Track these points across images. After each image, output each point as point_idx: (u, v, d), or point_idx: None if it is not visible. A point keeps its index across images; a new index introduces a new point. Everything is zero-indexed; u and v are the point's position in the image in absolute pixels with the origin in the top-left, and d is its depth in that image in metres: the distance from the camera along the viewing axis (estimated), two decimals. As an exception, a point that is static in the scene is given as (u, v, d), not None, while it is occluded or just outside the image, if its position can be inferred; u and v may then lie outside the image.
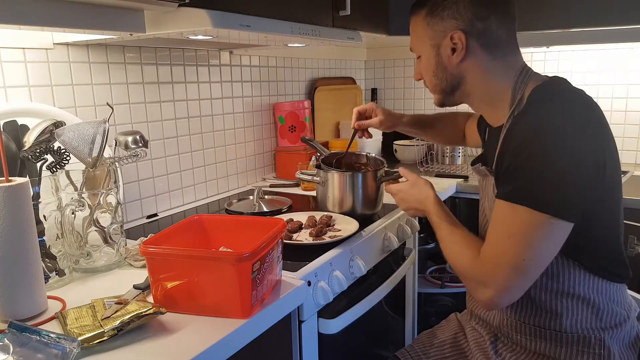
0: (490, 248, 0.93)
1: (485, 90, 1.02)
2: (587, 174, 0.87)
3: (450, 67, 1.02)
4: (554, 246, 0.89)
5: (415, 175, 1.21)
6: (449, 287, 1.91)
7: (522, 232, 0.87)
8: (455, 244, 1.02)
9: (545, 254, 0.89)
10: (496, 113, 1.03)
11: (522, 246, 0.88)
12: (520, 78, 0.98)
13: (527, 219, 0.87)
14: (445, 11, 0.99)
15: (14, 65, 1.14)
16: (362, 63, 2.68)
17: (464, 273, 0.99)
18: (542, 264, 0.90)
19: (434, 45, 1.02)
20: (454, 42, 0.98)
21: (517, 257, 0.88)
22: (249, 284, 0.82)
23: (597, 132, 0.90)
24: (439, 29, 1.00)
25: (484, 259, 0.94)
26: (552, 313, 0.97)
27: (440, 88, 1.06)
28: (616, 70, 2.12)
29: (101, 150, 1.01)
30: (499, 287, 0.91)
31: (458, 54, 0.99)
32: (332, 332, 1.11)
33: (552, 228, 0.86)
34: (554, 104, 0.91)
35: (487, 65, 0.99)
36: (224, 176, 1.78)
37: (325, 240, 1.18)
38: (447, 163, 2.19)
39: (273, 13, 1.21)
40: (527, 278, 0.90)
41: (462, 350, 1.14)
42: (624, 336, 0.98)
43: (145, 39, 1.20)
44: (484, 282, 0.93)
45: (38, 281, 0.86)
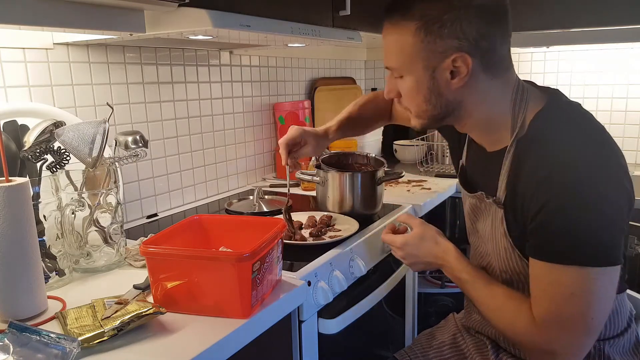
0: (546, 312, 0.83)
1: (481, 115, 0.91)
2: (624, 209, 0.81)
3: (447, 93, 0.88)
4: (613, 292, 0.82)
5: (419, 221, 1.07)
6: (449, 287, 1.91)
7: (582, 291, 0.79)
8: (504, 310, 0.90)
9: (608, 304, 0.82)
10: (492, 137, 0.94)
11: (586, 305, 0.80)
12: (518, 97, 0.89)
13: (582, 277, 0.79)
14: (445, 28, 0.83)
15: (14, 65, 1.14)
16: (362, 63, 2.68)
17: (521, 341, 0.89)
18: (607, 313, 0.84)
19: (427, 67, 0.87)
20: (456, 65, 0.84)
21: (584, 317, 0.80)
22: (249, 284, 0.82)
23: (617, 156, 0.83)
24: (437, 49, 0.84)
25: (546, 326, 0.83)
26: None
27: (430, 114, 0.92)
28: (616, 70, 2.12)
29: (101, 150, 1.01)
30: (571, 351, 0.83)
31: (461, 79, 0.85)
32: (332, 332, 1.11)
33: (608, 276, 0.80)
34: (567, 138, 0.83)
35: (486, 87, 0.88)
36: (224, 176, 1.78)
37: (325, 240, 1.18)
38: (447, 163, 2.19)
39: (273, 13, 1.21)
40: (597, 333, 0.83)
41: (461, 351, 1.13)
42: (624, 343, 0.97)
43: (145, 39, 1.20)
44: (550, 350, 0.84)
45: (38, 281, 0.86)
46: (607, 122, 2.14)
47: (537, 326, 0.84)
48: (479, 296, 0.95)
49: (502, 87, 0.90)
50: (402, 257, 1.08)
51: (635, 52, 2.07)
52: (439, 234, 1.04)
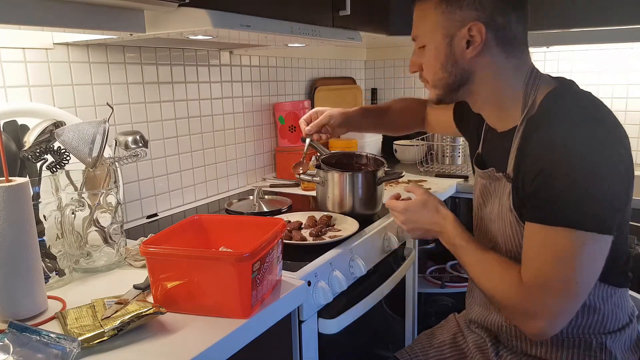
0: (533, 275, 0.86)
1: (494, 90, 0.97)
2: (622, 184, 0.84)
3: (462, 61, 0.94)
4: (600, 262, 0.84)
5: (423, 190, 1.10)
6: (449, 287, 1.91)
7: (568, 254, 0.82)
8: (492, 272, 0.94)
9: (595, 272, 0.85)
10: (502, 116, 0.98)
11: (570, 269, 0.83)
12: (531, 80, 0.94)
13: (571, 241, 0.82)
14: (464, 0, 0.91)
15: (14, 65, 1.14)
16: (362, 63, 2.68)
17: (505, 304, 0.92)
18: (591, 282, 0.85)
19: (446, 35, 0.94)
20: (472, 34, 0.91)
21: (568, 281, 0.83)
22: (249, 284, 0.82)
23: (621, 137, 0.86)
24: (455, 18, 0.92)
25: (529, 288, 0.86)
26: None
27: (445, 83, 0.98)
28: (616, 70, 2.12)
29: (101, 150, 1.01)
30: (552, 315, 0.85)
31: (474, 47, 0.92)
32: (332, 332, 1.11)
33: (598, 244, 0.83)
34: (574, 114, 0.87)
35: (500, 64, 0.94)
36: (224, 176, 1.78)
37: (325, 240, 1.18)
38: (447, 163, 2.19)
39: (273, 13, 1.21)
40: (578, 300, 0.85)
41: (461, 350, 1.13)
42: (625, 339, 0.97)
43: (145, 39, 1.20)
44: (533, 312, 0.86)
45: (38, 281, 0.86)
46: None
47: (523, 288, 0.87)
48: (470, 260, 0.98)
49: (515, 68, 0.95)
50: (403, 222, 1.10)
51: (635, 52, 2.07)
52: (441, 203, 1.07)
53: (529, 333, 0.89)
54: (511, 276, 0.89)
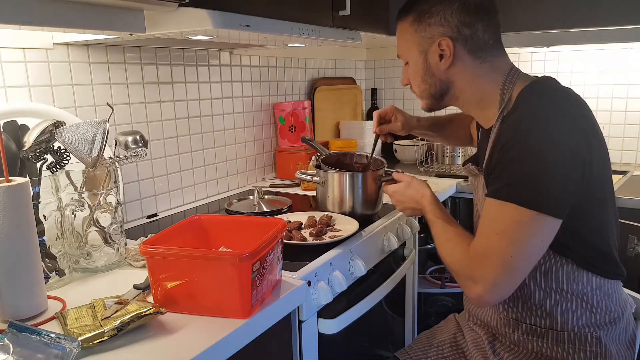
0: (479, 245, 0.94)
1: (474, 93, 1.03)
2: (573, 170, 0.87)
3: (438, 72, 1.03)
4: (542, 243, 0.89)
5: (410, 176, 1.21)
6: (449, 287, 1.91)
7: (509, 229, 0.88)
8: (448, 241, 1.03)
9: (532, 251, 0.89)
10: (486, 114, 1.04)
11: (509, 242, 0.88)
12: (508, 79, 1.00)
13: (514, 216, 0.87)
14: (432, 18, 1.00)
15: (14, 65, 1.14)
16: (362, 63, 2.68)
17: (454, 269, 1.00)
18: (530, 260, 0.90)
19: (421, 52, 1.04)
20: (442, 48, 1.00)
21: (504, 254, 0.89)
22: (249, 284, 0.82)
23: (583, 129, 0.90)
24: (426, 35, 1.02)
25: (473, 255, 0.94)
26: (546, 311, 0.97)
27: (428, 93, 1.07)
28: (616, 70, 2.12)
29: (101, 150, 1.01)
30: (488, 283, 0.91)
31: (446, 60, 1.00)
32: (332, 332, 1.11)
33: (539, 224, 0.87)
34: (540, 101, 0.92)
35: (475, 69, 1.01)
36: (224, 176, 1.78)
37: (325, 240, 1.18)
38: (447, 163, 2.19)
39: (273, 13, 1.21)
40: (515, 274, 0.90)
41: (461, 350, 1.14)
42: (620, 334, 0.99)
43: (145, 39, 1.20)
44: (473, 278, 0.93)
45: (38, 281, 0.86)
46: (607, 122, 2.14)
47: (468, 255, 0.96)
48: (436, 232, 1.07)
49: (492, 70, 1.01)
50: (394, 203, 1.23)
51: (635, 52, 2.07)
52: (422, 184, 1.16)
53: (470, 298, 0.96)
54: (463, 245, 0.98)
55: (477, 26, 0.98)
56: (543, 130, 0.87)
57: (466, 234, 1.02)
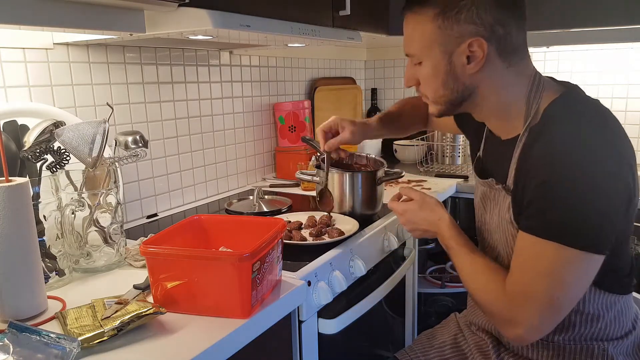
0: (519, 285, 0.87)
1: (497, 102, 0.93)
2: (621, 205, 0.82)
3: (463, 77, 0.91)
4: (587, 280, 0.84)
5: (421, 192, 1.11)
6: (449, 287, 1.91)
7: (555, 270, 0.82)
8: (479, 275, 0.95)
9: (578, 290, 0.85)
10: (506, 125, 0.96)
11: (555, 284, 0.82)
12: (534, 87, 0.91)
13: (559, 256, 0.81)
14: (462, 13, 0.86)
15: (14, 65, 1.14)
16: (362, 63, 2.68)
17: (490, 309, 0.93)
18: (575, 299, 0.86)
19: (445, 52, 0.90)
20: (472, 49, 0.87)
21: (550, 295, 0.83)
22: (249, 284, 0.82)
23: (628, 156, 0.83)
24: (453, 33, 0.88)
25: (513, 296, 0.87)
26: (558, 329, 0.93)
27: (447, 99, 0.95)
28: (616, 70, 2.12)
29: (101, 150, 1.01)
30: (531, 325, 0.85)
31: (476, 63, 0.88)
32: (332, 332, 1.11)
33: (586, 263, 0.82)
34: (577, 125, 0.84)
35: (502, 74, 0.91)
36: (224, 176, 1.78)
37: (325, 240, 1.18)
38: (447, 163, 2.19)
39: (273, 13, 1.21)
40: (560, 314, 0.86)
41: (462, 352, 1.13)
42: (628, 345, 0.97)
43: (145, 39, 1.20)
44: (513, 320, 0.87)
45: (38, 281, 0.86)
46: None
47: (506, 295, 0.88)
48: (461, 263, 0.99)
49: (517, 76, 0.92)
50: (404, 223, 1.12)
51: (635, 52, 2.07)
52: (437, 204, 1.07)
53: (508, 338, 0.91)
54: (497, 282, 0.90)
55: (512, 26, 0.87)
56: (589, 166, 0.79)
57: (497, 267, 0.94)
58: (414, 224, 1.09)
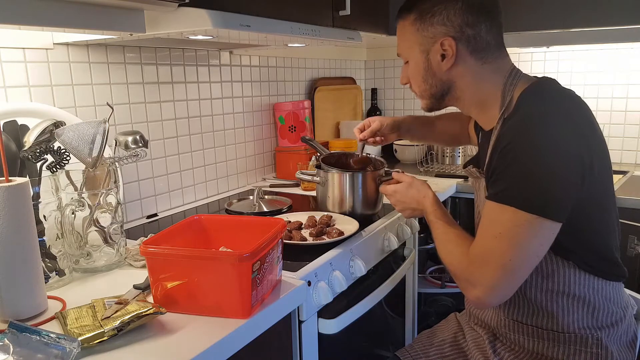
0: (478, 247, 0.94)
1: (475, 94, 1.03)
2: (573, 173, 0.87)
3: (439, 73, 1.02)
4: (541, 246, 0.89)
5: (411, 176, 1.20)
6: (449, 287, 1.91)
7: (508, 232, 0.88)
8: (448, 243, 1.03)
9: (532, 254, 0.89)
10: (487, 116, 1.04)
11: (508, 245, 0.88)
12: (509, 80, 0.99)
13: (513, 219, 0.87)
14: (435, 17, 0.99)
15: (14, 65, 1.14)
16: (362, 63, 2.68)
17: (454, 271, 0.99)
18: (529, 263, 0.90)
19: (423, 51, 1.02)
20: (444, 48, 0.99)
21: (503, 257, 0.88)
22: (249, 284, 0.82)
23: (584, 131, 0.90)
24: (428, 35, 1.00)
25: (472, 258, 0.94)
26: (548, 313, 0.97)
27: (429, 93, 1.06)
28: (616, 70, 2.12)
29: (101, 150, 1.01)
30: (486, 286, 0.91)
31: (448, 60, 0.99)
32: (332, 332, 1.11)
33: (539, 227, 0.86)
34: (540, 103, 0.91)
35: (477, 70, 1.00)
36: (224, 176, 1.78)
37: (325, 240, 1.18)
38: (447, 163, 2.19)
39: (273, 13, 1.21)
40: (514, 277, 0.90)
41: (461, 349, 1.14)
42: (621, 335, 0.99)
43: (145, 39, 1.20)
44: (472, 280, 0.93)
45: (38, 281, 0.86)
46: (607, 122, 2.14)
47: (467, 258, 0.96)
48: (436, 234, 1.07)
49: (493, 71, 1.00)
50: (394, 203, 1.22)
51: (635, 52, 2.07)
52: (424, 184, 1.16)
53: (469, 300, 0.96)
54: (463, 247, 0.98)
55: (481, 27, 0.97)
56: (543, 133, 0.87)
57: (467, 236, 1.02)
58: (403, 203, 1.18)
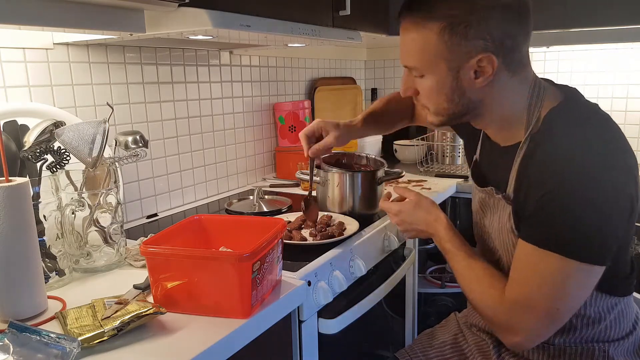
0: (518, 294, 0.86)
1: (500, 113, 0.92)
2: (623, 214, 0.81)
3: (470, 91, 0.88)
4: (587, 291, 0.84)
5: (416, 192, 1.10)
6: (449, 287, 1.91)
7: (556, 281, 0.81)
8: (477, 282, 0.94)
9: (578, 300, 0.85)
10: (506, 133, 0.94)
11: (555, 295, 0.82)
12: (535, 94, 0.90)
13: (560, 267, 0.81)
14: (470, 29, 0.82)
15: (14, 65, 1.14)
16: (362, 63, 2.68)
17: (489, 316, 0.92)
18: (575, 308, 0.86)
19: (451, 68, 0.86)
20: (481, 65, 0.84)
21: (550, 306, 0.83)
22: (249, 284, 0.82)
23: (631, 165, 0.82)
24: (461, 49, 0.84)
25: (512, 305, 0.87)
26: (559, 332, 0.93)
27: (451, 112, 0.92)
28: (616, 70, 2.12)
29: (101, 150, 1.01)
30: (530, 334, 0.86)
31: (485, 78, 0.86)
32: (332, 332, 1.11)
33: (587, 275, 0.81)
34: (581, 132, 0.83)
35: (506, 84, 0.88)
36: (224, 176, 1.78)
37: (325, 240, 1.18)
38: (447, 163, 2.19)
39: (273, 13, 1.21)
40: (559, 323, 0.86)
41: (462, 351, 1.13)
42: (628, 346, 0.97)
43: (145, 39, 1.20)
44: (512, 328, 0.88)
45: (38, 281, 0.86)
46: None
47: (505, 304, 0.87)
48: (458, 267, 0.98)
49: (520, 84, 0.90)
50: (398, 223, 1.12)
51: (635, 52, 2.07)
52: (433, 204, 1.07)
53: (507, 344, 0.91)
54: (495, 289, 0.90)
55: (520, 37, 0.85)
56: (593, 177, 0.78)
57: (494, 272, 0.93)
58: (409, 224, 1.09)
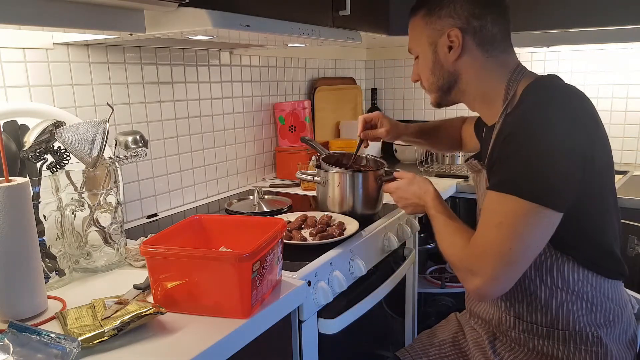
0: (479, 237, 0.95)
1: (479, 87, 1.04)
2: (573, 165, 0.87)
3: (446, 64, 1.04)
4: (542, 236, 0.89)
5: (412, 173, 1.22)
6: (449, 287, 1.91)
7: (509, 221, 0.88)
8: (449, 235, 1.04)
9: (532, 244, 0.89)
10: (490, 111, 1.05)
11: (508, 235, 0.88)
12: (514, 76, 1.00)
13: (514, 208, 0.88)
14: (442, 10, 1.01)
15: (14, 65, 1.14)
16: (362, 63, 2.68)
17: (454, 262, 1.00)
18: (529, 253, 0.90)
19: (431, 44, 1.05)
20: (451, 39, 1.01)
21: (503, 246, 0.89)
22: (249, 284, 0.82)
23: (586, 125, 0.90)
24: (436, 27, 1.03)
25: (472, 248, 0.95)
26: (547, 309, 0.98)
27: (436, 86, 1.08)
28: (616, 70, 2.12)
29: (101, 150, 1.01)
30: (487, 276, 0.91)
31: (454, 51, 1.01)
32: (332, 332, 1.11)
33: (539, 216, 0.87)
34: (543, 97, 0.92)
35: (482, 63, 1.02)
36: (224, 176, 1.78)
37: (325, 240, 1.18)
38: (447, 163, 2.19)
39: (273, 13, 1.21)
40: (514, 268, 0.91)
41: (461, 349, 1.14)
42: (620, 334, 0.99)
43: (145, 39, 1.20)
44: (472, 270, 0.94)
45: (38, 281, 0.86)
46: (607, 122, 2.13)
47: (468, 247, 0.96)
48: (438, 227, 1.08)
49: (498, 66, 1.02)
50: (396, 200, 1.25)
51: (635, 52, 2.07)
52: (425, 180, 1.19)
53: (470, 290, 0.96)
54: (463, 239, 0.99)
55: (487, 19, 0.99)
56: (544, 124, 0.87)
57: (467, 228, 1.03)
58: (405, 200, 1.20)
